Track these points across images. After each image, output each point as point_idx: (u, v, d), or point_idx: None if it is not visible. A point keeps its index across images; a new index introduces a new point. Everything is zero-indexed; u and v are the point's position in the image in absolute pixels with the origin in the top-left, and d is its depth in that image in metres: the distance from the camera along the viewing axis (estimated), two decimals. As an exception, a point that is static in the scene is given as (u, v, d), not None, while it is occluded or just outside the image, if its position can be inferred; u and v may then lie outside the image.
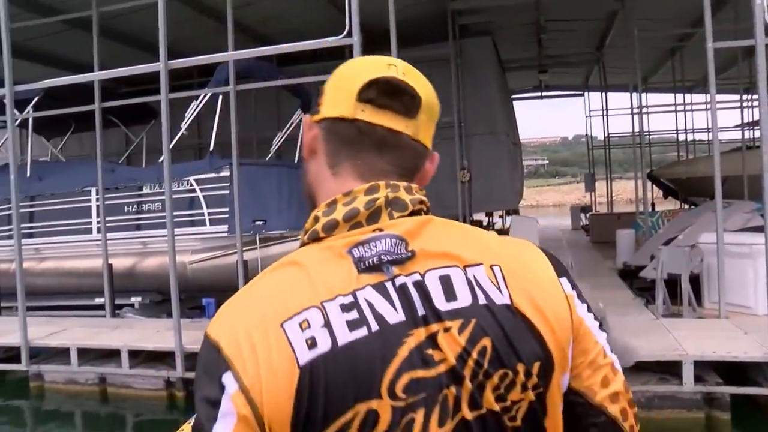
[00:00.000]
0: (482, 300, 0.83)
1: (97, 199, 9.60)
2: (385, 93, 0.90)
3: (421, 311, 0.81)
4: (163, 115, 7.20)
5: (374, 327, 0.79)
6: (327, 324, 0.79)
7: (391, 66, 0.92)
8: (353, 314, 0.79)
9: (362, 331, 0.79)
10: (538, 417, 0.85)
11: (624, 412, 0.92)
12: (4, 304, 9.86)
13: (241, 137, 12.82)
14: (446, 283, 0.83)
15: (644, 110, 13.22)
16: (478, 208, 14.12)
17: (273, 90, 11.43)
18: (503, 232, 16.30)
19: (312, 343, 0.77)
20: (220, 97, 9.18)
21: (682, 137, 20.01)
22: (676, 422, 5.77)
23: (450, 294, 0.83)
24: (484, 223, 17.17)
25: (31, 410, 7.67)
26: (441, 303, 0.82)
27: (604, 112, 19.53)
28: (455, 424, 0.79)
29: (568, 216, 22.69)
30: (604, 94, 19.21)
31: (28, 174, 10.44)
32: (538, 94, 22.28)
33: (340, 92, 0.92)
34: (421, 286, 0.82)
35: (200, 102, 9.31)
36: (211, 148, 9.40)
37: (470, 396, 0.80)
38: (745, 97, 14.59)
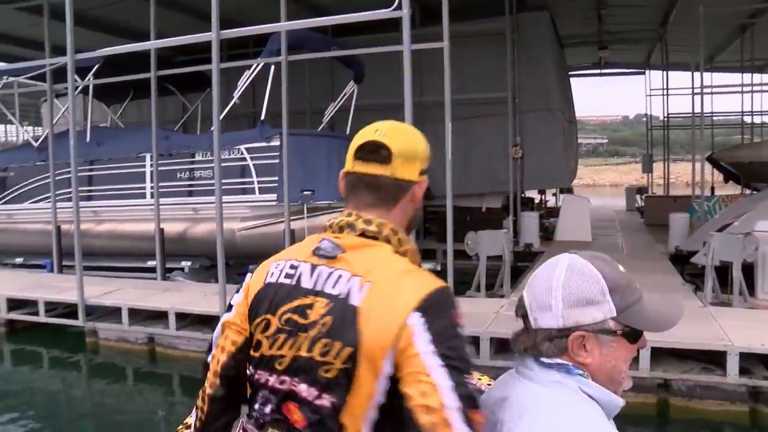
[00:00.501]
0: (343, 295, 1.30)
1: (152, 165, 9.86)
2: (368, 151, 1.40)
3: (319, 287, 1.34)
4: (214, 85, 7.31)
5: (294, 282, 1.36)
6: (281, 270, 1.39)
7: (377, 131, 1.42)
8: (292, 271, 1.38)
9: (289, 281, 1.37)
10: (341, 385, 1.27)
11: (434, 426, 1.19)
12: (66, 263, 10.27)
13: (294, 107, 12.93)
14: (338, 278, 1.33)
15: (706, 90, 12.72)
16: (530, 185, 13.89)
17: (327, 61, 11.44)
18: (555, 210, 16.06)
19: (271, 275, 1.40)
20: (273, 67, 9.24)
21: (748, 119, 19.21)
22: (718, 414, 5.63)
23: (335, 285, 1.32)
24: (536, 201, 16.93)
25: (87, 364, 8.04)
26: (328, 288, 1.33)
27: (665, 91, 18.88)
28: (296, 351, 1.32)
29: (624, 197, 22.19)
30: (665, 72, 18.55)
31: (88, 139, 10.79)
32: (598, 71, 21.67)
33: (349, 155, 1.44)
34: (328, 275, 1.34)
35: (252, 72, 9.40)
36: (262, 117, 9.50)
37: (309, 343, 1.30)
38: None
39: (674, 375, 5.78)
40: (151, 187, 9.90)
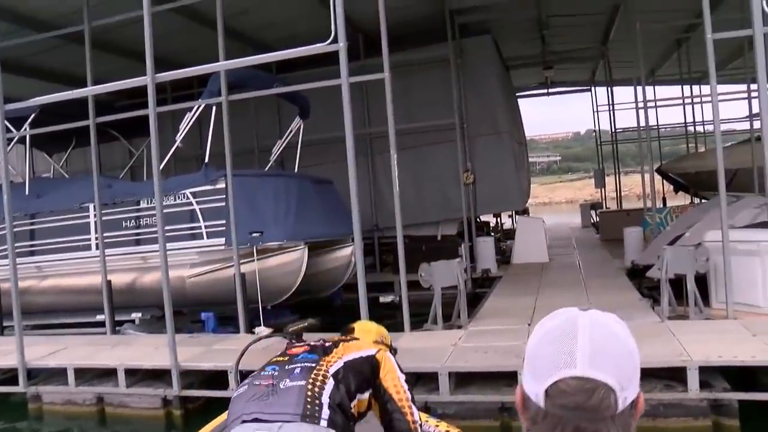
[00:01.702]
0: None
1: (95, 215, 9.53)
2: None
3: None
4: (152, 129, 7.12)
5: None
6: None
7: None
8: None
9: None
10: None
11: (401, 401, 2.77)
12: (8, 323, 9.82)
13: (242, 146, 12.76)
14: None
15: (649, 104, 12.97)
16: (484, 209, 13.92)
17: (273, 98, 11.32)
18: (512, 232, 16.09)
19: None
20: (214, 108, 9.05)
21: (691, 129, 19.66)
22: (682, 431, 5.56)
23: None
24: (492, 224, 16.96)
25: None
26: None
27: (611, 107, 19.23)
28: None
29: (579, 213, 22.44)
30: (609, 88, 18.92)
31: (27, 191, 10.42)
32: (545, 90, 22.00)
33: None
34: None
35: (194, 114, 9.21)
36: (206, 159, 9.28)
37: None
38: (753, 87, 14.24)
39: (636, 395, 5.69)
40: (96, 238, 9.56)
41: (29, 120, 10.10)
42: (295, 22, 12.17)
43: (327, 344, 2.88)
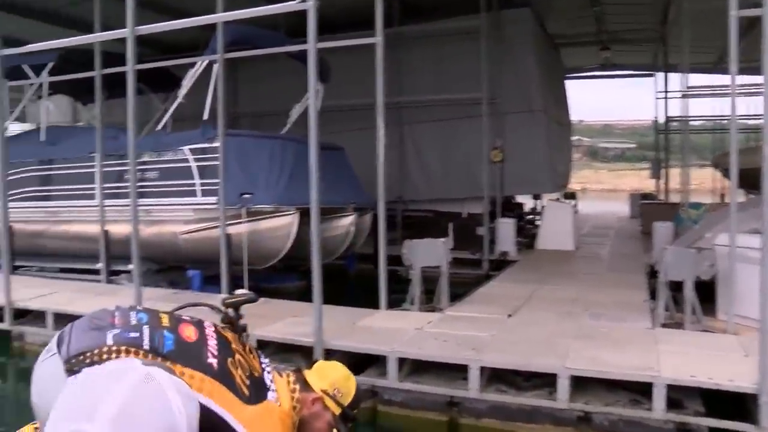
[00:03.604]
0: None
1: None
2: None
3: None
4: (129, 85, 6.85)
5: None
6: None
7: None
8: None
9: None
10: None
11: None
12: (20, 263, 10.08)
13: (268, 109, 12.52)
14: None
15: (694, 92, 12.01)
16: (511, 190, 13.20)
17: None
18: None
19: None
20: (215, 66, 8.76)
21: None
22: (642, 451, 5.04)
23: None
24: (530, 206, 16.24)
25: (13, 368, 7.79)
26: None
27: (666, 95, 17.99)
28: None
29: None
30: (665, 74, 17.69)
31: (43, 138, 10.54)
32: (603, 73, 20.78)
33: None
34: None
35: (196, 70, 9.01)
36: (205, 117, 9.07)
37: None
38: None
39: (596, 407, 5.19)
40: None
41: (47, 67, 10.18)
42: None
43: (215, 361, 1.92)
